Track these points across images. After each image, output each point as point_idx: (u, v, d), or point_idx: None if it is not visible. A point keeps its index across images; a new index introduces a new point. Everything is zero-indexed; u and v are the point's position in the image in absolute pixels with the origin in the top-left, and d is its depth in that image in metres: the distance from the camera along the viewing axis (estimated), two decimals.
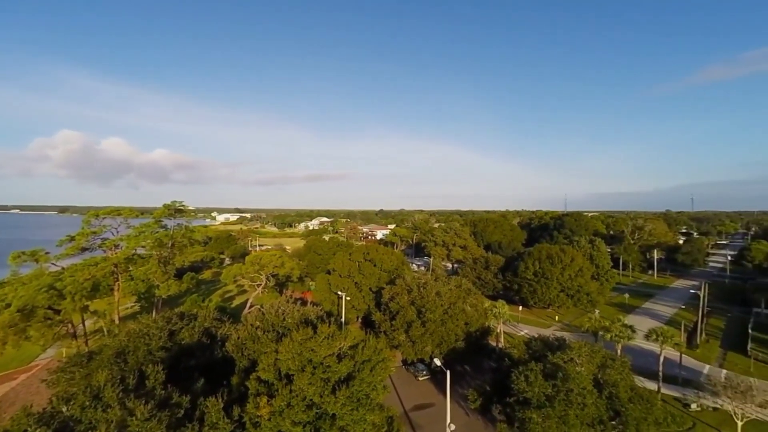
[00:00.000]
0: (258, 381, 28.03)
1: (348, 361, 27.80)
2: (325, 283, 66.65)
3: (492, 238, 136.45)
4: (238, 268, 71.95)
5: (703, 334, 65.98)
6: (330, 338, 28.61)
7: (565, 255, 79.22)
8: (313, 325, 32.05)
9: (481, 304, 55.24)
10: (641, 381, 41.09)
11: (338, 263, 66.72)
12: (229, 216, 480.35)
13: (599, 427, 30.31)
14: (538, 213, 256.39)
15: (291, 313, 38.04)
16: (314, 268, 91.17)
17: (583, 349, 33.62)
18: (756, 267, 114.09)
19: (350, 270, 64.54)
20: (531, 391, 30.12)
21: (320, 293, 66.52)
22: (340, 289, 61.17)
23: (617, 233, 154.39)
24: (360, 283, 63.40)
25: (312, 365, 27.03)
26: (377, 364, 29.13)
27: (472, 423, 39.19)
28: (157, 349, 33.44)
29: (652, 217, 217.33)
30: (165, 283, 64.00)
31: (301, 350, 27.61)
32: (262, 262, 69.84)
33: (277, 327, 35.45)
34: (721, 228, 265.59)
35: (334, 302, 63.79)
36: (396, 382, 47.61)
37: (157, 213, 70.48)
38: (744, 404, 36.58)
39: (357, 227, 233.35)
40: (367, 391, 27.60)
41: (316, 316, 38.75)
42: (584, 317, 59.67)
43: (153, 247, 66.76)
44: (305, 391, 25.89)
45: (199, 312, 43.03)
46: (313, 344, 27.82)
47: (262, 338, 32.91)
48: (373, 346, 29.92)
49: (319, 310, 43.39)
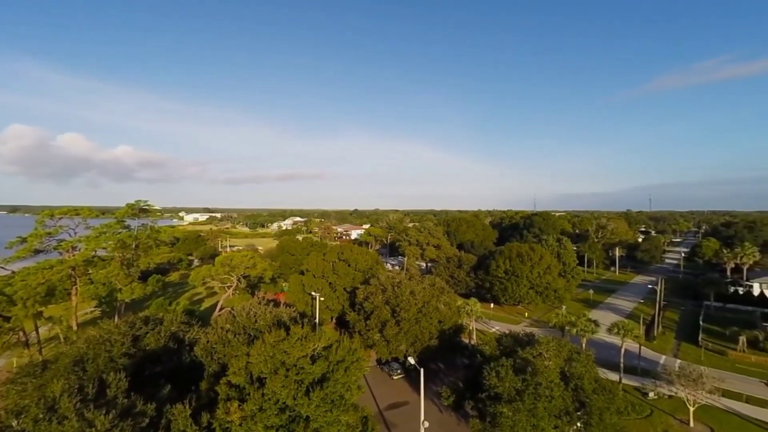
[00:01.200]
0: (228, 385, 27.27)
1: (322, 362, 27.55)
2: (298, 284, 65.73)
3: (465, 237, 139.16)
4: (207, 269, 69.64)
5: (659, 326, 70.08)
6: (303, 339, 28.24)
7: (534, 253, 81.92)
8: (286, 326, 31.55)
9: (454, 302, 56.18)
10: (604, 372, 43.12)
11: (312, 263, 65.97)
12: (198, 216, 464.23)
13: (566, 418, 31.57)
14: (508, 213, 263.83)
15: (263, 315, 37.24)
16: (287, 268, 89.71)
17: (551, 343, 34.91)
18: (706, 263, 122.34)
19: (324, 270, 63.97)
20: (502, 386, 30.96)
21: (293, 294, 65.53)
22: (314, 290, 60.51)
23: (582, 232, 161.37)
24: (334, 283, 62.96)
25: (285, 367, 26.59)
26: (351, 364, 29.02)
27: (446, 419, 39.79)
28: (120, 355, 31.86)
29: (614, 216, 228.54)
30: (128, 286, 61.03)
31: (273, 352, 27.09)
32: (233, 263, 67.95)
33: (249, 329, 34.62)
34: (676, 227, 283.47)
35: (308, 303, 63.03)
36: (370, 381, 47.62)
37: (120, 213, 67.09)
38: (695, 391, 39.18)
39: (331, 227, 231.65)
40: (341, 392, 27.44)
41: (290, 318, 38.14)
42: (552, 313, 61.94)
43: (115, 248, 63.49)
44: (278, 394, 25.44)
45: (166, 316, 41.34)
46: (286, 346, 27.37)
47: (233, 341, 32.06)
48: (347, 347, 29.78)
49: (292, 312, 42.74)
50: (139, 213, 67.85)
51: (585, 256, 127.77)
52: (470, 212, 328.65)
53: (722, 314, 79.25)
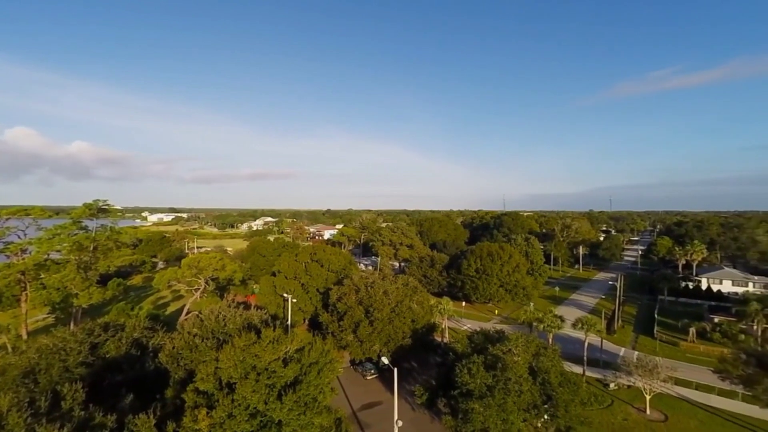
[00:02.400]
0: (196, 392, 26.30)
1: (294, 365, 27.10)
2: (270, 286, 64.34)
3: (437, 237, 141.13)
4: (173, 272, 66.82)
5: (619, 320, 73.97)
6: (275, 342, 27.67)
7: (503, 252, 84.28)
8: (256, 329, 30.83)
9: (427, 301, 56.82)
10: (569, 366, 44.93)
11: (284, 264, 64.77)
12: (162, 216, 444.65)
13: (533, 411, 32.72)
14: (479, 213, 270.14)
15: (233, 319, 36.17)
16: (258, 270, 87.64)
17: (519, 339, 36.05)
18: (660, 260, 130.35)
19: (296, 271, 62.98)
20: (473, 382, 31.63)
21: (265, 296, 64.09)
22: (286, 291, 59.44)
23: (549, 231, 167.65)
24: (307, 284, 62.12)
25: (256, 371, 25.95)
26: (325, 366, 28.75)
27: (419, 418, 40.18)
28: (76, 365, 29.96)
29: (578, 216, 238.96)
30: (85, 291, 57.54)
31: (243, 356, 26.38)
32: (201, 265, 65.59)
33: (218, 333, 33.54)
34: (634, 226, 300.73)
35: (280, 305, 61.84)
36: (344, 382, 47.34)
37: (76, 213, 63.11)
38: (651, 381, 41.64)
39: (304, 227, 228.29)
40: (314, 395, 27.12)
41: (261, 320, 37.26)
42: (521, 310, 63.89)
43: (71, 251, 59.68)
44: (249, 399, 24.80)
45: (128, 321, 39.34)
46: (257, 349, 26.72)
47: (201, 346, 30.94)
48: (320, 348, 29.46)
49: (263, 314, 41.75)
50: (97, 213, 64.09)
51: (551, 255, 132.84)
52: (442, 212, 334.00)
53: (675, 308, 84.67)
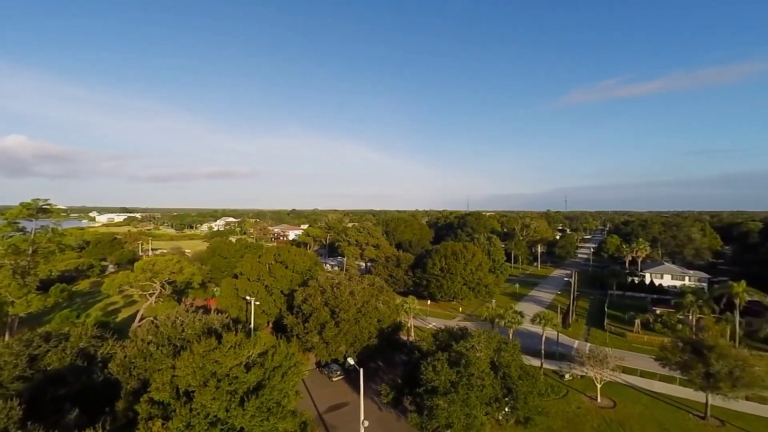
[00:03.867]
0: (150, 403, 24.92)
1: (257, 370, 26.37)
2: (231, 288, 62.11)
3: (403, 236, 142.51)
4: (124, 276, 62.80)
5: (573, 315, 78.31)
6: (237, 347, 26.79)
7: (467, 251, 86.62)
8: (217, 334, 29.69)
9: (393, 300, 57.22)
10: (528, 359, 47.05)
11: (246, 266, 62.76)
12: (113, 216, 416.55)
13: (495, 404, 33.91)
14: (444, 213, 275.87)
15: (191, 324, 34.61)
16: (219, 272, 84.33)
17: (482, 336, 37.22)
18: (610, 257, 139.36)
19: (260, 273, 61.26)
20: (438, 379, 32.26)
21: (226, 299, 61.77)
22: (249, 294, 57.65)
23: (510, 230, 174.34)
24: (271, 286, 60.60)
25: (216, 378, 24.99)
26: (289, 369, 28.19)
27: (385, 417, 40.41)
28: (12, 379, 27.47)
29: (537, 216, 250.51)
30: (23, 298, 52.82)
31: (203, 363, 25.32)
32: (156, 268, 62.14)
33: (175, 340, 31.96)
34: (587, 225, 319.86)
35: (242, 308, 59.89)
36: (309, 385, 46.67)
37: (12, 213, 57.74)
38: (601, 370, 44.46)
39: (267, 227, 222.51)
40: (278, 399, 26.53)
41: (221, 325, 35.95)
42: (483, 307, 66.11)
43: (5, 254, 54.57)
44: (208, 407, 23.83)
45: (73, 330, 36.56)
46: (218, 355, 25.75)
47: (156, 354, 29.35)
48: (284, 352, 28.87)
49: (224, 318, 40.32)
50: (37, 213, 58.95)
51: (512, 253, 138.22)
52: (408, 212, 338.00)
53: (623, 301, 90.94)
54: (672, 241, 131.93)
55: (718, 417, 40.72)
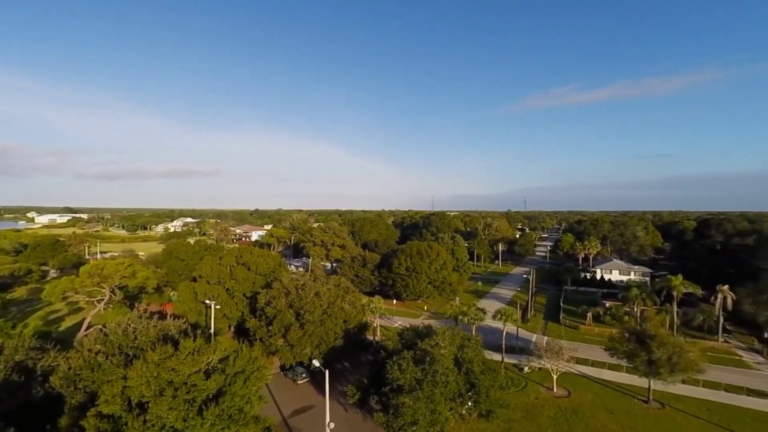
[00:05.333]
0: (99, 417, 23.32)
1: (218, 376, 25.42)
2: (189, 292, 59.37)
3: (369, 236, 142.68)
4: (68, 281, 58.25)
5: (532, 310, 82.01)
6: (195, 353, 25.68)
7: (432, 251, 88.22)
8: (174, 341, 28.33)
9: (359, 301, 57.18)
10: (490, 354, 48.68)
11: (206, 269, 60.21)
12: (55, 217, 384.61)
13: (459, 399, 34.84)
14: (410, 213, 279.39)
15: (145, 331, 32.75)
16: (176, 275, 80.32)
17: (446, 333, 38.10)
18: (565, 254, 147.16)
19: (220, 275, 59.00)
20: (404, 377, 32.64)
21: (184, 304, 58.97)
22: (209, 298, 55.38)
23: (473, 230, 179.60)
24: (232, 289, 58.55)
25: (173, 387, 23.82)
26: (252, 374, 27.43)
27: (351, 417, 40.30)
28: None
29: (498, 216, 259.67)
30: None
31: (158, 372, 24.04)
32: (105, 272, 58.15)
33: (126, 349, 30.11)
34: (544, 224, 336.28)
35: (202, 312, 57.45)
36: (274, 389, 45.59)
37: None
38: (557, 362, 46.92)
39: (229, 228, 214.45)
40: (240, 405, 25.73)
41: (179, 331, 34.32)
42: (447, 305, 67.62)
43: None
44: (164, 418, 22.67)
45: (7, 342, 33.44)
46: (174, 363, 24.55)
47: (105, 364, 27.51)
48: (246, 356, 28.04)
49: (182, 324, 38.50)
50: None
51: (475, 252, 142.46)
52: (374, 212, 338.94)
53: (576, 296, 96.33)
54: (620, 239, 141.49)
55: (659, 400, 44.27)
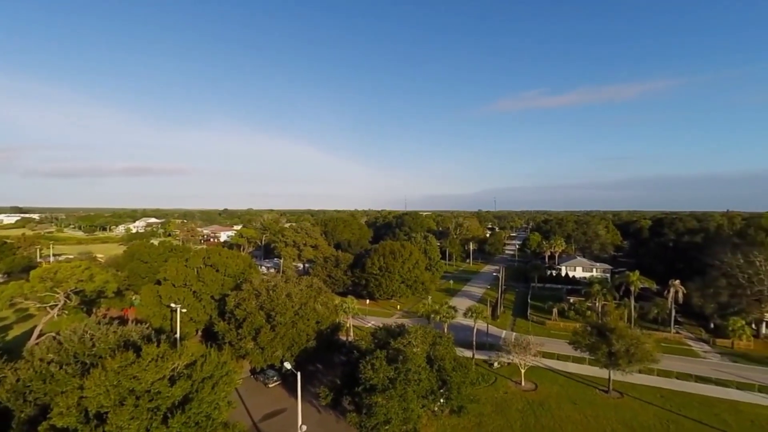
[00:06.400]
0: (52, 430, 21.88)
1: (184, 382, 24.50)
2: (153, 296, 56.78)
3: (342, 236, 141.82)
4: (16, 287, 54.21)
5: (501, 307, 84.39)
6: (159, 359, 24.63)
7: (405, 250, 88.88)
8: (136, 347, 27.05)
9: (331, 301, 56.74)
10: (461, 351, 49.65)
11: (171, 271, 57.79)
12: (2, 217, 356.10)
13: (431, 397, 35.31)
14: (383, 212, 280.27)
15: (103, 337, 31.02)
16: (139, 279, 76.52)
17: (418, 332, 38.54)
18: (532, 252, 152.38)
19: (187, 278, 56.83)
20: (377, 377, 32.71)
21: (147, 308, 56.33)
22: (174, 301, 53.20)
23: (444, 229, 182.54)
24: (200, 291, 56.55)
25: (135, 395, 22.73)
26: (220, 379, 26.63)
27: (324, 419, 39.94)
28: None
29: (469, 215, 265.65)
30: None
31: (118, 380, 22.86)
32: (59, 276, 54.60)
33: (83, 357, 28.43)
34: (513, 224, 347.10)
35: (167, 316, 55.13)
36: (244, 394, 44.43)
37: None
38: (525, 357, 48.54)
39: (196, 229, 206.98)
40: (208, 412, 24.92)
41: (141, 336, 32.78)
42: (420, 303, 68.25)
43: None
44: (125, 428, 21.60)
45: None
46: (136, 370, 23.43)
47: (59, 374, 25.85)
48: (215, 361, 27.19)
49: (144, 329, 36.81)
50: None
51: (447, 251, 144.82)
52: (347, 212, 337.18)
53: (543, 292, 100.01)
54: (583, 237, 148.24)
55: (618, 390, 46.77)
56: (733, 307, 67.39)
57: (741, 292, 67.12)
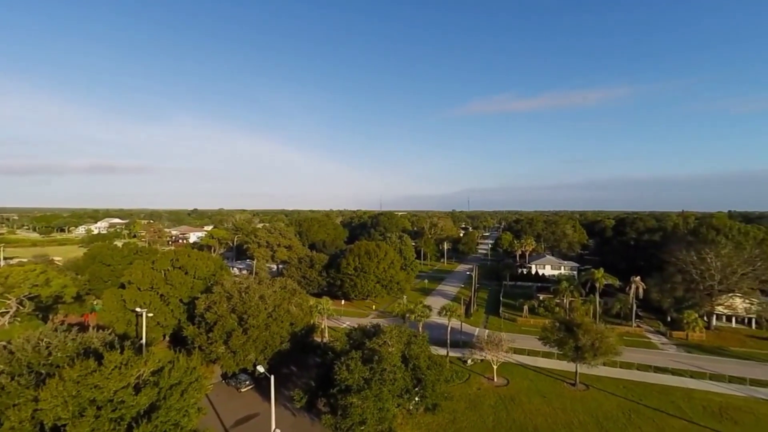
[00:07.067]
0: None
1: (149, 390, 23.51)
2: (116, 300, 54.12)
3: (317, 237, 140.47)
4: None
5: (474, 305, 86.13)
6: (123, 367, 23.52)
7: (380, 250, 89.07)
8: (97, 354, 25.71)
9: (306, 302, 56.05)
10: (436, 349, 50.28)
11: (137, 274, 55.27)
12: None
13: (406, 395, 35.58)
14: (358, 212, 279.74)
15: (61, 345, 29.28)
16: (101, 282, 72.76)
17: (393, 331, 38.71)
18: (504, 251, 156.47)
19: (154, 281, 54.53)
20: (352, 378, 32.60)
21: (110, 313, 53.63)
22: (140, 305, 50.94)
23: (419, 229, 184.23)
24: (167, 295, 54.40)
25: (96, 406, 21.61)
26: (189, 385, 25.75)
27: (299, 422, 39.40)
28: None
29: (443, 215, 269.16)
30: None
31: (77, 390, 21.66)
32: (10, 281, 51.16)
33: (38, 367, 26.72)
34: (486, 223, 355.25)
35: (131, 322, 52.73)
36: (215, 399, 43.12)
37: None
38: (497, 353, 49.78)
39: (163, 230, 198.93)
40: (176, 420, 24.04)
41: (103, 343, 31.17)
42: (395, 303, 68.57)
43: None
44: None
45: None
46: (97, 379, 22.27)
47: (10, 386, 24.18)
48: (183, 366, 26.27)
49: (107, 335, 34.98)
50: None
51: (421, 250, 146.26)
52: (322, 212, 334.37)
53: (514, 290, 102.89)
54: (552, 236, 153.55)
55: (584, 382, 48.81)
56: (688, 301, 71.93)
57: (694, 287, 71.72)
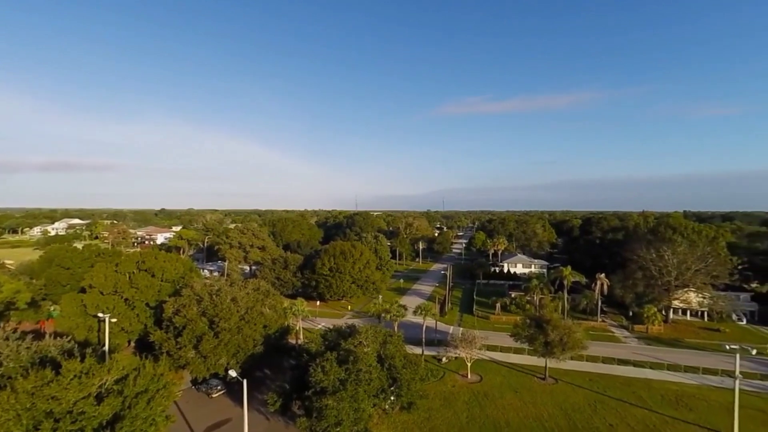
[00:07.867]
0: None
1: (113, 400, 22.42)
2: (76, 305, 51.29)
3: (291, 237, 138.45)
4: None
5: (449, 303, 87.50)
6: (84, 376, 22.31)
7: (355, 250, 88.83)
8: (54, 363, 24.26)
9: (280, 304, 55.15)
10: (411, 348, 50.74)
11: (98, 277, 52.54)
12: None
13: (382, 395, 35.66)
14: (333, 212, 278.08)
15: (13, 355, 27.45)
16: (59, 287, 68.68)
17: (369, 331, 38.71)
18: (478, 250, 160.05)
19: (117, 284, 52.03)
20: (327, 379, 32.33)
21: (69, 319, 50.76)
22: (102, 310, 48.38)
23: (395, 229, 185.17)
24: (132, 299, 52.05)
25: (53, 418, 20.37)
26: (157, 393, 24.76)
27: (273, 426, 38.70)
28: None
29: (418, 215, 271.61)
30: None
31: (32, 402, 20.34)
32: None
33: None
34: (460, 223, 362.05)
35: (93, 327, 50.13)
36: (184, 406, 41.62)
37: None
38: (471, 350, 50.80)
39: (128, 230, 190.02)
40: (142, 429, 23.06)
41: (61, 351, 29.47)
42: (371, 303, 68.67)
43: None
44: None
45: None
46: (55, 389, 21.01)
47: None
48: (150, 373, 25.22)
49: (65, 342, 33.13)
50: None
51: (397, 250, 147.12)
52: (296, 212, 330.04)
53: (488, 288, 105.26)
54: (522, 235, 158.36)
55: (553, 376, 50.64)
56: (648, 296, 76.07)
57: (653, 283, 75.94)
